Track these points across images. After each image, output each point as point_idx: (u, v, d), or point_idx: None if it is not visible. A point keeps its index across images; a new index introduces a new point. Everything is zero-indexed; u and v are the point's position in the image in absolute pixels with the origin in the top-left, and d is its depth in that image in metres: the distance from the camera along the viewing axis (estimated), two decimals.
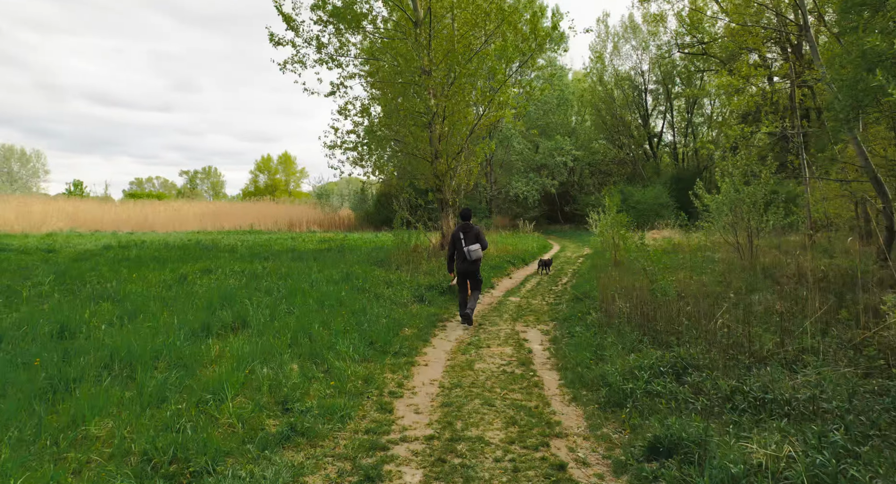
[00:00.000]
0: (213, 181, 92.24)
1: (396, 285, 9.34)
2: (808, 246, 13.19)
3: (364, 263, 11.94)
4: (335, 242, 18.91)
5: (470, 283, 7.57)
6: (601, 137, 41.61)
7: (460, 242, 7.41)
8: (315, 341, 5.53)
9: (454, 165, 13.96)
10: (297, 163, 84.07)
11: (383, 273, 10.46)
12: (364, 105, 14.53)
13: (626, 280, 9.65)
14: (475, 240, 7.35)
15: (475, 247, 7.30)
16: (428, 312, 7.97)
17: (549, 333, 7.09)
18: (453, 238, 7.56)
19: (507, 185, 36.39)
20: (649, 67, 38.89)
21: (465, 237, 7.38)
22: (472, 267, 7.48)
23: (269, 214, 35.56)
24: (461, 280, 7.57)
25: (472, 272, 7.54)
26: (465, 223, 7.51)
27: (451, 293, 9.61)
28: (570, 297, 9.53)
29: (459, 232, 7.47)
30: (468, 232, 7.42)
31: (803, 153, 15.75)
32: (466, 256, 7.33)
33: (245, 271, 9.61)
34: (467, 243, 7.33)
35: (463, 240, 7.38)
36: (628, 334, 5.71)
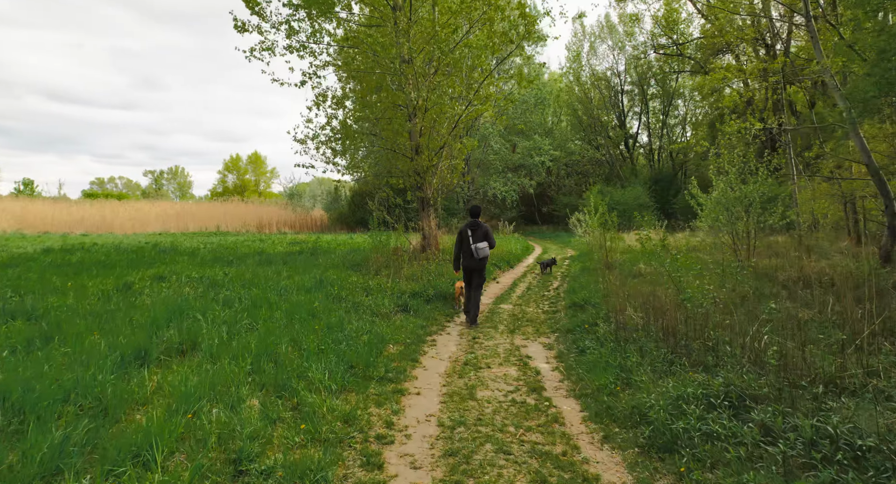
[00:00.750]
0: (180, 182, 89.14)
1: (376, 293, 8.36)
2: (802, 247, 12.76)
3: (339, 268, 10.91)
4: (307, 244, 17.74)
5: (473, 280, 7.50)
6: (577, 138, 41.38)
7: (468, 239, 7.36)
8: (282, 366, 4.53)
9: (436, 161, 13.04)
10: (267, 163, 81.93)
11: (361, 279, 9.46)
12: (338, 97, 13.46)
13: (629, 285, 8.92)
14: (483, 238, 7.34)
15: (483, 245, 7.27)
16: (414, 324, 7.03)
17: (552, 348, 6.24)
18: (460, 235, 7.50)
19: (485, 185, 35.67)
20: (625, 68, 38.82)
21: (473, 235, 7.34)
22: (478, 265, 7.43)
23: (236, 215, 33.91)
24: (466, 276, 7.59)
25: (478, 269, 7.48)
26: (474, 221, 7.45)
27: (439, 300, 8.70)
28: (568, 303, 8.72)
29: (467, 229, 7.41)
30: (476, 230, 7.37)
31: (791, 151, 15.44)
32: (474, 253, 7.29)
33: (204, 278, 8.47)
34: (475, 241, 7.30)
35: (471, 237, 7.34)
36: (652, 351, 4.89)
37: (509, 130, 37.88)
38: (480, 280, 7.51)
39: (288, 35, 12.39)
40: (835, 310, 6.27)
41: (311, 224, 36.39)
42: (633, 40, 37.65)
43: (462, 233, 7.44)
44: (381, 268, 10.76)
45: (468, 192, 35.85)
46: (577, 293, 9.19)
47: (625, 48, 38.12)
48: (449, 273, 10.62)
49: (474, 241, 7.29)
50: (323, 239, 21.21)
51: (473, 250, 7.26)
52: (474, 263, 7.40)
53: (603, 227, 13.07)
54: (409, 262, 11.67)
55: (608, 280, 9.47)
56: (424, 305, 8.22)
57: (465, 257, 7.45)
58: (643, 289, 8.76)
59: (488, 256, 7.47)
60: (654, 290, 8.62)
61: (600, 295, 8.46)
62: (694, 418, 3.38)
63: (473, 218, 7.49)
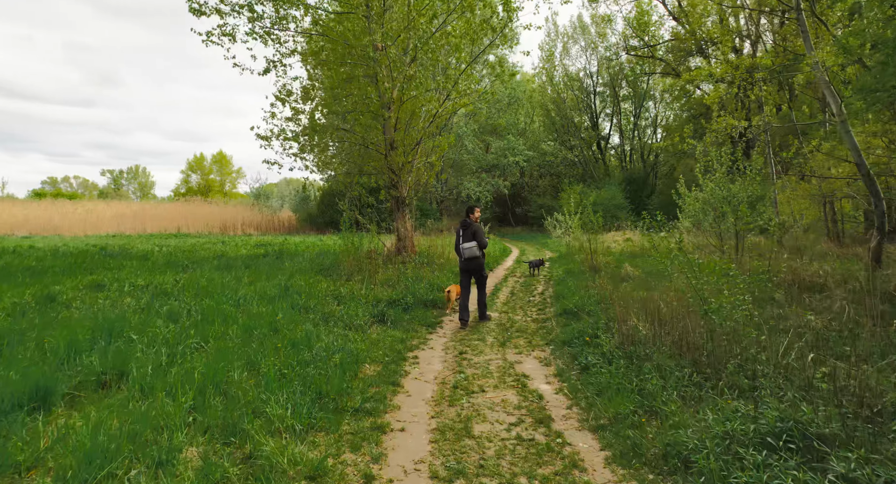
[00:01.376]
0: (141, 182, 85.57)
1: (349, 301, 7.50)
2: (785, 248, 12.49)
3: (307, 273, 9.97)
4: (273, 247, 16.64)
5: (475, 281, 7.45)
6: (550, 139, 41.24)
7: (459, 239, 7.33)
8: (234, 400, 3.65)
9: (411, 158, 12.23)
10: (233, 163, 79.55)
11: (332, 285, 8.57)
12: (306, 87, 12.49)
13: (622, 290, 8.31)
14: (472, 237, 7.17)
15: (470, 244, 7.14)
16: (392, 338, 6.21)
17: (549, 363, 5.53)
18: (456, 235, 7.48)
19: (459, 185, 35.02)
20: (597, 69, 38.81)
21: (463, 234, 7.25)
22: (469, 265, 7.28)
23: (199, 216, 32.23)
24: (462, 278, 7.44)
25: (473, 270, 7.33)
26: (464, 220, 7.37)
27: (419, 308, 7.89)
28: (558, 310, 8.05)
29: (460, 229, 7.35)
30: (466, 229, 7.26)
31: (770, 151, 15.27)
32: (461, 253, 7.25)
33: (151, 286, 7.42)
34: (464, 240, 7.21)
35: (461, 237, 7.27)
36: (674, 372, 4.22)
37: (483, 130, 37.39)
38: (481, 281, 7.42)
39: (250, 19, 11.37)
40: (850, 317, 5.78)
41: (279, 225, 35.00)
42: (605, 41, 37.70)
43: (456, 232, 7.42)
44: (354, 272, 9.88)
45: (441, 192, 35.13)
46: (566, 299, 8.53)
47: (597, 49, 38.13)
48: (428, 278, 9.84)
49: (463, 240, 7.23)
50: (290, 241, 20.10)
51: (461, 251, 7.24)
52: (466, 264, 7.30)
53: (587, 228, 12.50)
54: (383, 265, 10.83)
55: (599, 285, 8.86)
56: (403, 314, 7.41)
57: (459, 258, 7.41)
58: (637, 294, 8.18)
59: (479, 256, 7.22)
60: (650, 295, 8.06)
61: (593, 301, 7.82)
62: (757, 468, 2.69)
63: (467, 216, 7.38)
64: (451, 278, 10.52)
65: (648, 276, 10.57)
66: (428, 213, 31.36)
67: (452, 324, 7.46)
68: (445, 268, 11.59)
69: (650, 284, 9.49)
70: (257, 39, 11.44)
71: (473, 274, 7.39)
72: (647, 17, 32.59)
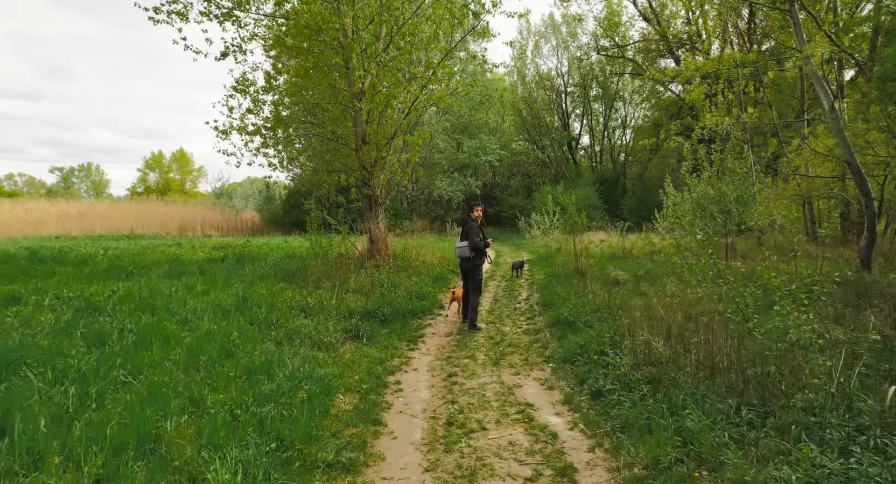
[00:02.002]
0: (95, 180, 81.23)
1: (318, 313, 6.57)
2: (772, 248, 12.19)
3: (270, 279, 8.96)
4: (233, 249, 15.41)
5: (471, 282, 7.14)
6: (521, 139, 40.91)
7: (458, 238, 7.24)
8: (162, 464, 2.73)
9: (385, 154, 11.33)
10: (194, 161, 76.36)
11: (298, 294, 7.60)
12: (268, 74, 11.41)
13: (619, 297, 7.67)
14: (465, 237, 7.04)
15: (461, 244, 6.99)
16: (369, 358, 5.33)
17: (553, 387, 4.78)
18: None
19: (430, 185, 34.18)
20: (568, 69, 38.67)
21: (460, 233, 7.22)
22: (465, 265, 7.15)
23: (155, 216, 30.31)
24: (463, 277, 7.34)
25: (468, 271, 7.13)
26: (464, 218, 7.38)
27: (398, 320, 7.03)
28: (550, 320, 7.33)
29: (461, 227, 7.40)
30: (463, 228, 7.18)
31: (750, 151, 15.06)
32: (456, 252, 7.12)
33: (81, 298, 6.30)
34: (459, 240, 7.11)
35: (459, 236, 7.25)
36: (715, 403, 3.51)
37: (454, 128, 36.68)
38: (475, 283, 7.11)
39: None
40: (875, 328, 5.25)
41: (242, 226, 33.36)
42: (576, 41, 37.64)
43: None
44: (323, 279, 8.93)
45: (413, 192, 34.21)
46: (557, 308, 7.82)
47: (569, 48, 37.99)
48: (405, 284, 8.99)
49: (459, 239, 7.11)
50: (253, 243, 18.84)
51: (455, 250, 7.11)
52: (461, 264, 7.20)
53: (573, 229, 11.88)
54: (355, 271, 9.90)
55: (593, 291, 8.20)
56: (380, 327, 6.53)
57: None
58: (635, 301, 7.56)
59: (470, 257, 6.97)
60: (649, 302, 7.44)
61: (589, 309, 7.13)
62: None
63: (467, 215, 7.28)
64: (430, 284, 9.70)
65: (639, 279, 10.03)
66: (400, 214, 30.45)
67: (436, 337, 6.64)
68: (423, 272, 10.75)
69: (643, 289, 8.92)
70: (213, 20, 10.32)
71: (470, 276, 7.12)
72: (617, 17, 32.63)
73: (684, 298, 7.99)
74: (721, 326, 4.62)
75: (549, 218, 17.10)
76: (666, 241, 17.01)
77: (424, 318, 7.68)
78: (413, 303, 7.89)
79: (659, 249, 14.81)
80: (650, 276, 10.16)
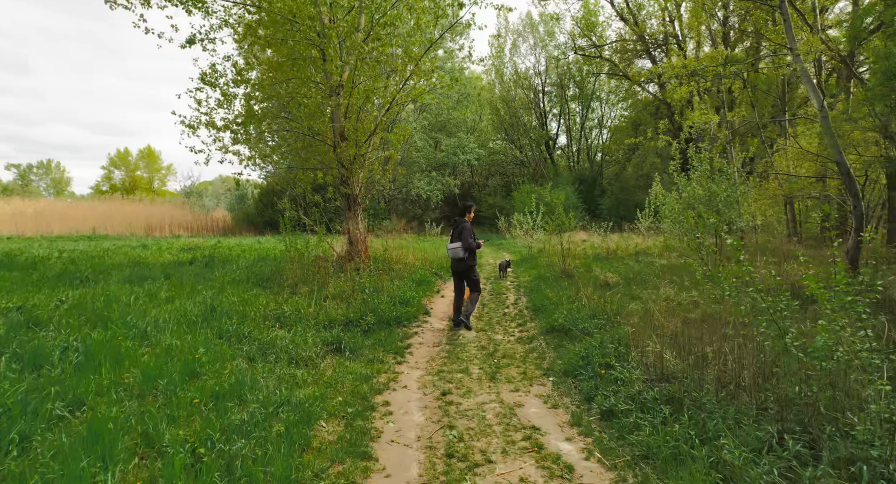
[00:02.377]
0: (55, 178, 77.78)
1: (295, 323, 6.00)
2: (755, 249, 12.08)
3: (243, 284, 8.32)
4: (203, 251, 14.60)
5: (467, 283, 7.11)
6: (499, 138, 40.70)
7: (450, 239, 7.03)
8: None
9: (364, 151, 10.76)
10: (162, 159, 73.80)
11: (272, 301, 7.01)
12: (239, 67, 10.69)
13: (615, 302, 7.31)
14: (457, 238, 6.91)
15: (454, 245, 6.83)
16: (353, 375, 4.80)
17: (558, 405, 4.35)
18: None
19: (408, 184, 33.62)
20: (546, 68, 38.60)
21: (452, 234, 7.06)
22: (458, 266, 6.97)
23: (121, 216, 28.90)
24: (455, 280, 7.19)
25: (462, 272, 6.99)
26: (455, 219, 7.11)
27: (383, 329, 6.51)
28: (544, 327, 6.92)
29: (453, 228, 7.09)
30: (455, 229, 7.05)
31: (732, 151, 15.02)
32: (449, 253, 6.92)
33: (21, 310, 5.57)
34: (451, 241, 6.97)
35: (451, 237, 7.04)
36: (751, 430, 3.12)
37: (432, 127, 36.21)
38: (472, 283, 7.04)
39: None
40: None
41: (213, 226, 32.17)
42: (554, 40, 37.61)
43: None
44: (300, 284, 8.34)
45: (391, 191, 33.58)
46: (549, 313, 7.42)
47: (546, 47, 37.91)
48: (388, 289, 8.47)
49: (451, 240, 6.96)
50: (224, 244, 17.98)
51: (448, 251, 6.92)
52: (454, 265, 7.00)
53: (562, 229, 11.52)
54: (334, 274, 9.33)
55: (586, 295, 7.82)
56: (363, 338, 6.00)
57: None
58: (631, 306, 7.21)
59: (464, 258, 6.82)
60: (646, 308, 7.11)
61: (585, 316, 6.74)
62: None
63: (460, 217, 7.07)
64: (413, 288, 9.19)
65: (630, 282, 9.73)
66: (379, 214, 29.83)
67: (424, 348, 6.15)
68: (405, 275, 10.23)
69: (636, 293, 8.61)
70: (178, 6, 9.58)
71: (462, 276, 7.03)
72: (594, 17, 32.71)
73: (680, 302, 7.70)
74: (738, 333, 4.26)
75: (531, 218, 16.77)
76: (648, 241, 16.90)
77: (410, 326, 7.18)
78: (398, 309, 7.38)
79: (644, 250, 14.63)
80: (640, 278, 9.87)
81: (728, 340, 4.50)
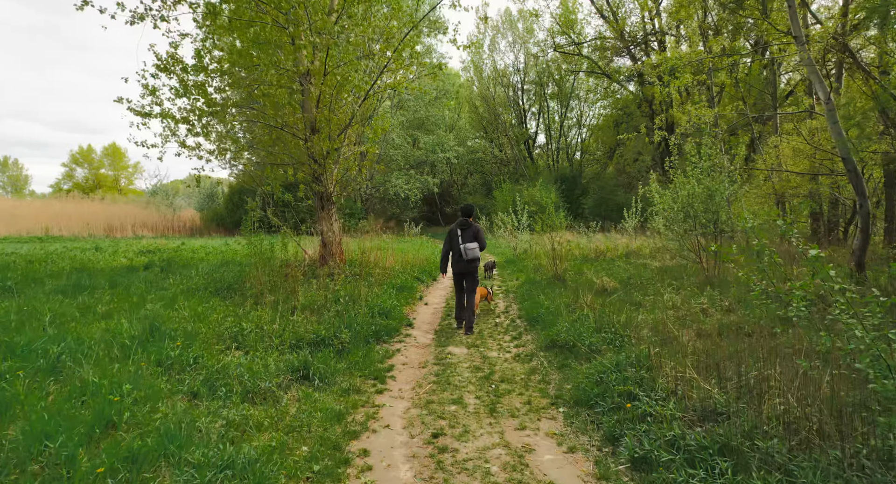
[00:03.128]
0: (13, 175, 74.00)
1: (255, 344, 5.06)
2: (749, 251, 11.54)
3: (199, 294, 7.30)
4: (163, 254, 13.40)
5: (466, 284, 6.96)
6: (478, 137, 40.02)
7: (457, 238, 6.84)
8: None
9: (338, 145, 9.81)
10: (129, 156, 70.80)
11: (232, 314, 6.03)
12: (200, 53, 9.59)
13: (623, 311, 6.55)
14: (473, 238, 6.78)
15: (472, 245, 6.73)
16: (323, 413, 3.90)
17: (575, 447, 3.54)
18: (450, 235, 7.00)
19: (386, 182, 32.61)
20: (524, 66, 38.02)
21: (463, 235, 6.81)
22: (468, 267, 6.84)
23: (78, 216, 27.11)
24: (457, 281, 7.06)
25: (469, 272, 6.88)
26: (464, 220, 6.89)
27: (360, 346, 5.59)
28: (542, 342, 6.12)
29: (457, 229, 6.89)
30: (466, 229, 6.83)
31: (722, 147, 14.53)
32: (463, 254, 6.77)
33: None
34: (464, 241, 6.78)
35: (460, 237, 6.82)
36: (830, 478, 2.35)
37: (410, 124, 35.27)
38: (473, 284, 6.93)
39: None
40: None
41: (180, 227, 30.57)
42: (533, 37, 37.07)
43: (451, 232, 6.94)
44: (265, 292, 7.36)
45: (367, 190, 32.51)
46: (548, 325, 6.63)
47: (526, 44, 37.35)
48: (366, 297, 7.57)
49: (463, 241, 6.76)
50: (188, 246, 16.73)
51: (462, 251, 6.73)
52: (464, 266, 6.82)
53: (550, 230, 10.76)
54: (305, 281, 8.37)
55: (588, 304, 7.06)
56: (336, 361, 5.08)
57: (455, 259, 6.93)
58: (638, 317, 6.47)
59: (479, 258, 6.85)
60: (657, 318, 6.37)
61: (590, 329, 5.96)
62: None
63: (465, 217, 6.91)
64: (394, 296, 8.30)
65: (627, 287, 9.03)
66: (355, 213, 28.77)
67: (409, 370, 5.27)
68: (385, 281, 9.33)
69: (637, 299, 7.89)
70: None
71: (468, 277, 6.88)
72: (573, 14, 32.33)
73: (689, 311, 7.01)
74: (813, 366, 3.51)
75: (516, 217, 16.02)
76: (636, 242, 16.33)
77: (391, 341, 6.30)
78: (377, 322, 6.49)
79: (634, 251, 14.01)
80: (639, 282, 9.19)
81: (769, 360, 3.76)
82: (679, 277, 9.89)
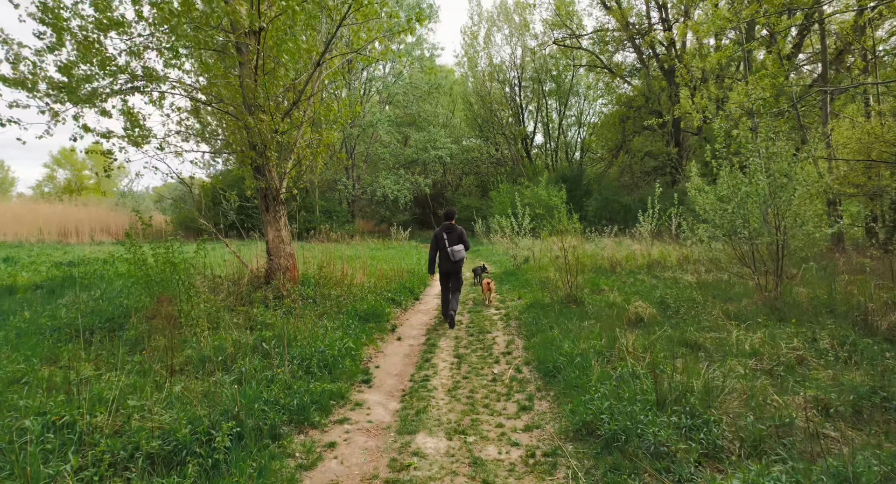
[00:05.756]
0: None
1: (32, 460, 2.68)
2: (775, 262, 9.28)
3: (50, 338, 4.91)
4: (91, 265, 11.02)
5: (452, 283, 7.26)
6: (473, 134, 37.77)
7: (443, 241, 7.16)
8: None
9: (288, 128, 7.45)
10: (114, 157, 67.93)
11: (61, 380, 3.65)
12: None
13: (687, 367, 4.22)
14: (458, 241, 7.17)
15: (458, 247, 7.10)
16: None
17: None
18: (436, 238, 7.31)
19: (373, 183, 30.24)
20: (521, 61, 35.76)
21: (448, 237, 7.14)
22: (454, 267, 7.21)
23: (30, 219, 24.58)
24: (443, 280, 7.32)
25: (455, 272, 7.24)
26: (448, 223, 7.27)
27: (257, 439, 3.18)
28: (568, 426, 3.77)
29: (442, 232, 7.20)
30: (451, 232, 7.17)
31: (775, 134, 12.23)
32: (450, 256, 7.11)
33: None
34: (450, 244, 7.11)
35: (446, 240, 7.14)
36: None
37: (400, 121, 32.95)
38: (458, 283, 7.26)
39: None
40: None
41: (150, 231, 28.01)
42: (530, 30, 34.92)
43: (437, 236, 7.24)
44: (154, 332, 4.98)
45: (353, 191, 30.09)
46: (572, 388, 4.29)
47: (523, 37, 35.14)
48: (308, 337, 5.19)
49: (449, 244, 7.11)
50: (127, 256, 14.24)
51: (450, 253, 7.07)
52: (450, 266, 7.19)
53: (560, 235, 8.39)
54: (229, 310, 6.00)
55: (630, 350, 4.71)
56: None
57: (442, 261, 7.24)
58: (715, 376, 4.13)
59: (464, 258, 7.22)
60: (749, 381, 4.04)
61: (646, 402, 3.63)
62: None
63: (448, 220, 7.27)
64: (355, 330, 5.94)
65: (667, 312, 6.73)
66: (336, 215, 26.36)
67: None
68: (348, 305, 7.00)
69: (688, 335, 5.57)
70: None
71: (454, 276, 7.20)
72: (571, 5, 30.35)
73: (780, 360, 4.69)
74: None
75: (516, 221, 13.70)
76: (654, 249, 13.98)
77: (326, 421, 3.92)
78: (309, 387, 4.12)
79: (657, 261, 11.66)
80: (678, 306, 6.89)
81: None
82: (727, 297, 7.61)
